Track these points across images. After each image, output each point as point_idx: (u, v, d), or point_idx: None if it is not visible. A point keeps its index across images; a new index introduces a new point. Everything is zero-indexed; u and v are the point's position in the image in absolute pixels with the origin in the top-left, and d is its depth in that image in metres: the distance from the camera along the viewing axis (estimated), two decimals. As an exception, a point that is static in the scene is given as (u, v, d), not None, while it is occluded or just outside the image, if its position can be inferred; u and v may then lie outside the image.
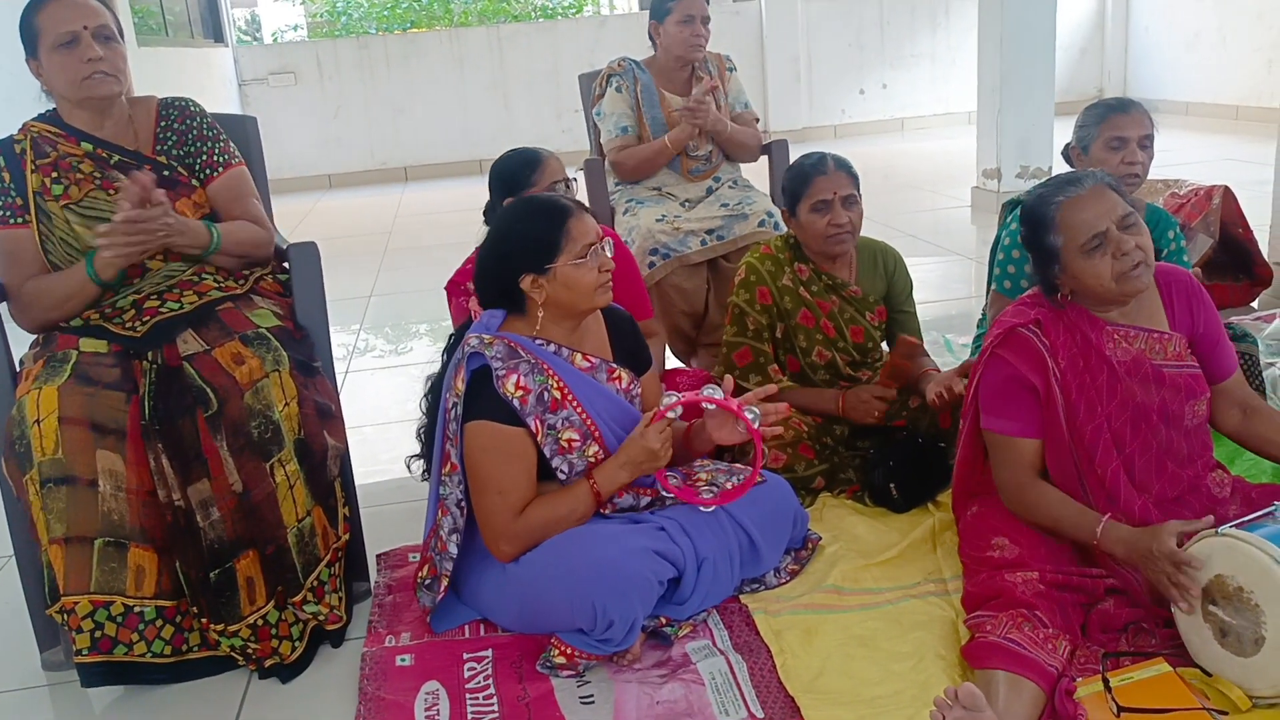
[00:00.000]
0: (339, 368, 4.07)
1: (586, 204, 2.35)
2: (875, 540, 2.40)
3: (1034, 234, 2.03)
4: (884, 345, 2.83)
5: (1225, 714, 1.69)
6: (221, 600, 2.05)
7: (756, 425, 2.01)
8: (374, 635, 2.20)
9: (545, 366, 2.06)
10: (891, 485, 2.53)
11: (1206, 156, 7.22)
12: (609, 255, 2.08)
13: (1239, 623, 1.71)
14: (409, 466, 2.31)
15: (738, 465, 2.30)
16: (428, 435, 2.24)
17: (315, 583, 2.14)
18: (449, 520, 2.10)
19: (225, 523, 2.04)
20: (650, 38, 3.66)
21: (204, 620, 2.06)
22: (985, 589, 1.95)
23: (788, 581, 2.26)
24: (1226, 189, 3.83)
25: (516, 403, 2.02)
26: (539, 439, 2.05)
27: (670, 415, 2.04)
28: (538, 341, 2.09)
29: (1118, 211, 1.95)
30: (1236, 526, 1.76)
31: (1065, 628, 1.84)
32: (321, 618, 2.14)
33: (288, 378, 2.13)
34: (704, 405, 2.10)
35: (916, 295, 2.88)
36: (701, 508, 2.11)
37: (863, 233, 2.73)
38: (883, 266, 2.79)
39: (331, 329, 2.44)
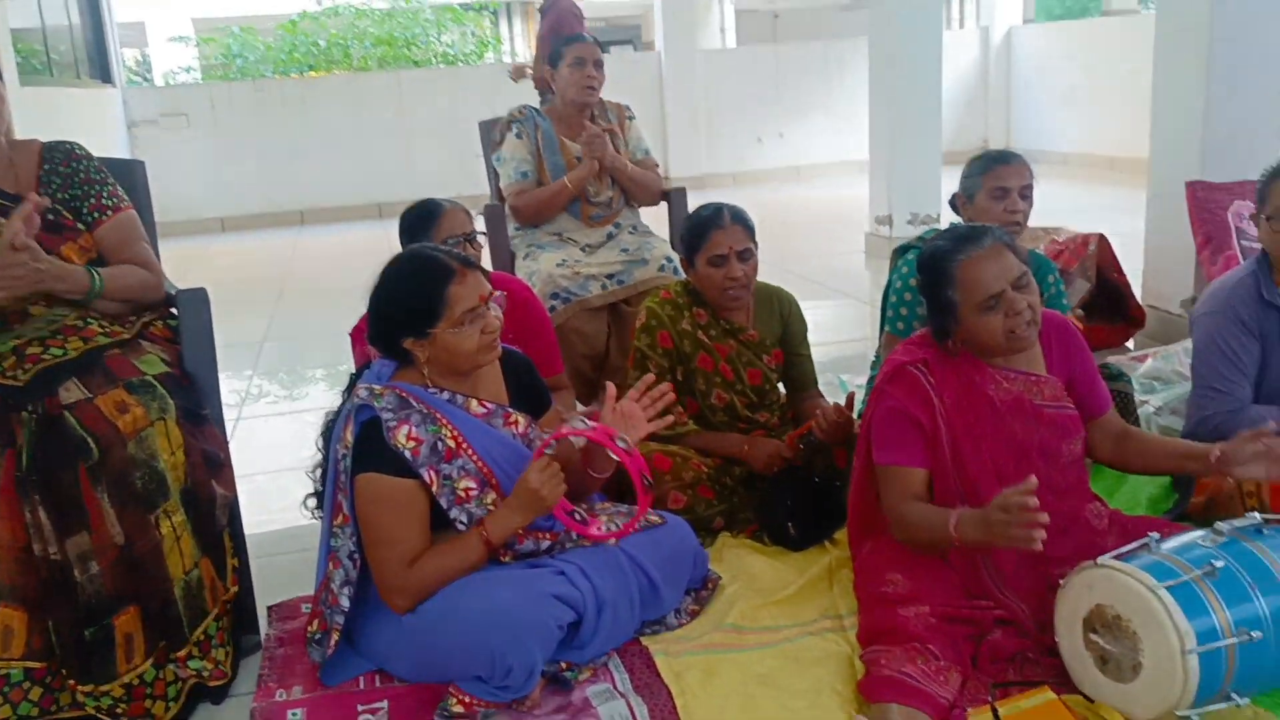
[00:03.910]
0: (230, 414, 3.96)
1: (485, 254, 2.34)
2: (774, 578, 2.42)
3: (932, 285, 2.11)
4: (781, 387, 2.88)
5: (1107, 739, 1.75)
6: (95, 659, 1.95)
7: (629, 450, 2.00)
8: (264, 689, 2.13)
9: (438, 415, 2.04)
10: (789, 524, 2.56)
11: (1083, 205, 7.56)
12: (496, 314, 2.07)
13: (1118, 650, 1.78)
14: (305, 504, 2.26)
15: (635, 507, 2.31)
16: (323, 475, 2.19)
17: (201, 637, 2.06)
18: (341, 573, 2.06)
19: (105, 577, 1.95)
20: (546, 87, 3.70)
21: (71, 682, 1.96)
22: (879, 624, 1.99)
23: (688, 622, 2.26)
24: (1102, 236, 4.03)
25: (408, 454, 1.99)
26: (434, 489, 2.02)
27: (548, 451, 2.03)
28: (430, 390, 2.07)
29: (1013, 272, 2.04)
30: (1114, 558, 1.84)
31: (956, 659, 1.89)
32: (206, 674, 2.06)
33: (174, 426, 2.07)
34: (572, 438, 2.08)
35: (813, 337, 2.94)
36: (605, 543, 2.11)
37: (761, 277, 2.79)
38: (779, 311, 2.84)
39: (223, 375, 2.38)
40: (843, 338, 4.71)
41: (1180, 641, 1.69)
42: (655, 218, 3.83)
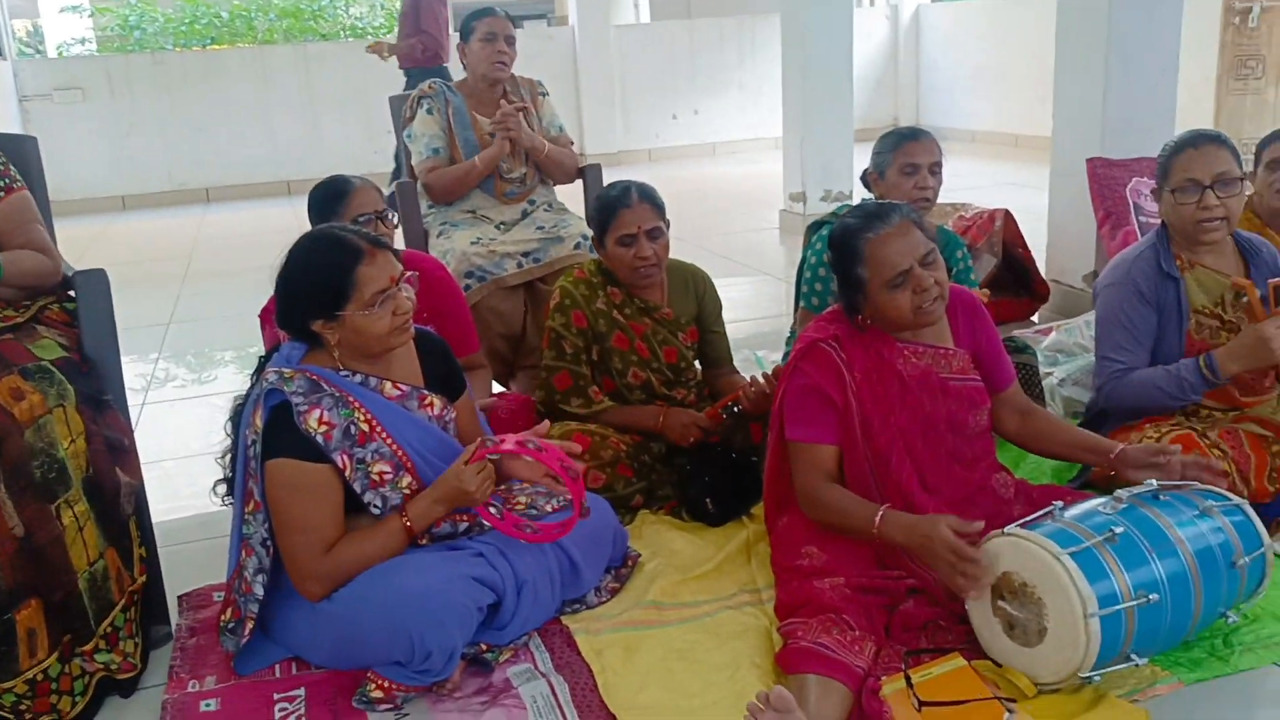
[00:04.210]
0: (136, 399, 3.85)
1: (398, 232, 2.30)
2: (693, 554, 2.44)
3: (842, 263, 2.14)
4: (697, 364, 2.90)
5: (1014, 701, 1.80)
6: (-4, 655, 1.89)
7: (576, 478, 1.99)
8: (176, 681, 2.08)
9: (350, 399, 2.01)
10: (707, 500, 2.59)
11: (990, 182, 7.74)
12: (408, 295, 2.04)
13: (1024, 616, 1.84)
14: (214, 491, 2.21)
15: (559, 486, 2.30)
16: (233, 460, 2.14)
17: (109, 629, 2.01)
18: (254, 560, 2.02)
19: (4, 570, 1.88)
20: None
21: None
22: (796, 596, 2.02)
23: (608, 600, 2.27)
24: (1007, 212, 4.13)
25: (320, 438, 1.96)
26: (347, 474, 1.99)
27: (490, 459, 2.01)
28: (342, 373, 2.03)
29: (920, 250, 2.07)
30: (1020, 526, 1.89)
31: (870, 629, 1.93)
32: (114, 667, 2.01)
33: (74, 412, 1.99)
34: (524, 456, 2.05)
35: (728, 314, 2.96)
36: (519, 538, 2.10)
37: (676, 254, 2.79)
38: (693, 288, 2.85)
39: (127, 359, 2.31)
40: (758, 314, 4.76)
41: (1082, 606, 1.75)
42: (571, 195, 3.80)
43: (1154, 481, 2.01)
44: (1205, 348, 2.51)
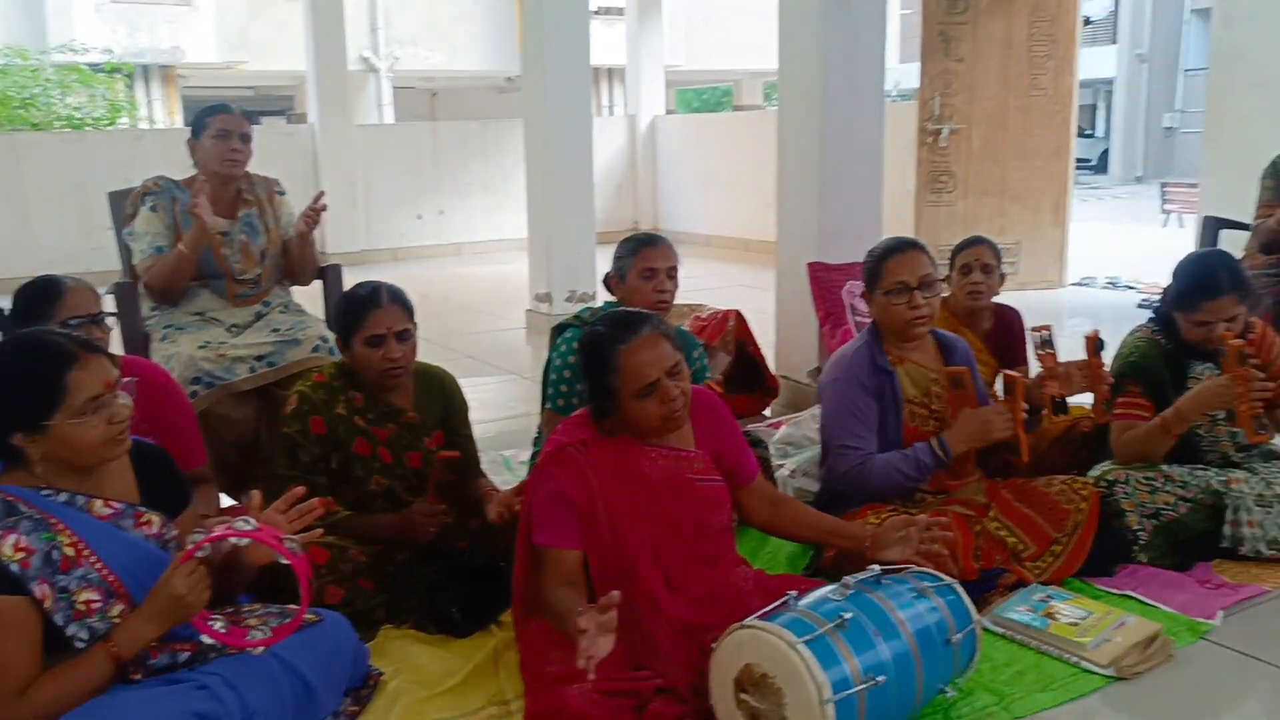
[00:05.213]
0: None
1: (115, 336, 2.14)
2: (439, 668, 2.35)
3: (592, 370, 2.19)
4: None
5: (759, 794, 1.84)
6: None
7: (298, 553, 1.90)
8: None
9: (53, 520, 1.83)
10: (454, 609, 2.52)
11: (723, 283, 8.17)
12: (125, 403, 1.90)
13: (766, 707, 1.89)
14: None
15: (290, 606, 2.17)
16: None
17: None
18: (-74, 712, 1.77)
19: None
20: (191, 157, 3.49)
21: None
22: (544, 704, 1.99)
23: (348, 725, 2.15)
24: (739, 312, 4.36)
25: (16, 566, 1.76)
26: (47, 605, 1.79)
27: (199, 555, 1.87)
28: (44, 492, 1.85)
29: (668, 361, 2.15)
30: (759, 618, 1.95)
31: (620, 733, 1.92)
32: None
33: None
34: (233, 540, 1.94)
35: (475, 414, 2.93)
36: (249, 650, 1.95)
37: (422, 356, 2.75)
38: (439, 391, 2.81)
39: None
40: (506, 414, 4.75)
41: (818, 692, 1.82)
42: (309, 296, 3.69)
43: (876, 566, 2.14)
44: (920, 434, 2.73)
